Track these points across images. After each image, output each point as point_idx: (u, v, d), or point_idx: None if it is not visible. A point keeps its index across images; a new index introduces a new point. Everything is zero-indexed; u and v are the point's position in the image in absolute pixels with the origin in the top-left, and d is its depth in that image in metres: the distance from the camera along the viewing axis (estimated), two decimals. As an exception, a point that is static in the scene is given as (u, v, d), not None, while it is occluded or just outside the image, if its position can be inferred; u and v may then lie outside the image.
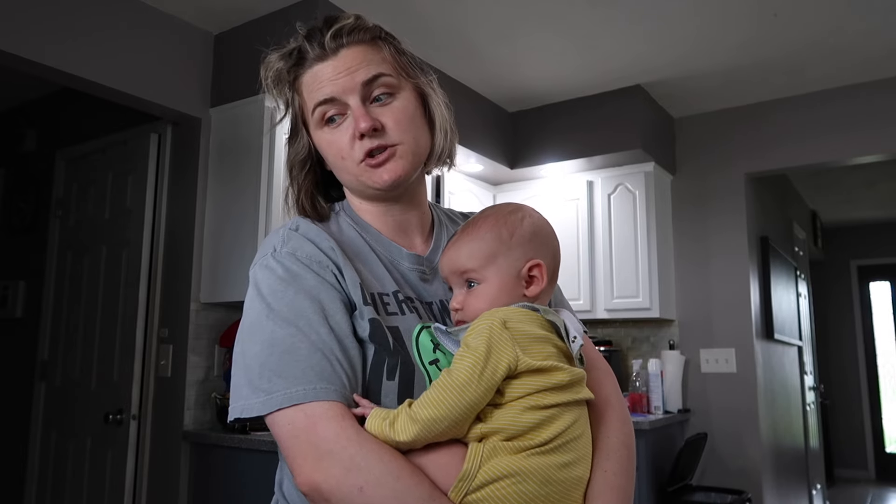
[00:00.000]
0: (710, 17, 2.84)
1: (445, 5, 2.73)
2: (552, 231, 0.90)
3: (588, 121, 3.61)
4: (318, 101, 0.88)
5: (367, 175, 0.89)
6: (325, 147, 0.91)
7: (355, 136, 0.87)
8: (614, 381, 0.94)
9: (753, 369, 3.54)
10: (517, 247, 0.85)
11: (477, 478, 0.72)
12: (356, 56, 0.88)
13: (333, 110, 0.88)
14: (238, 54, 2.85)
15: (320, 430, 0.74)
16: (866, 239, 7.05)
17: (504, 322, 0.77)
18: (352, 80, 0.87)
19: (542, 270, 0.85)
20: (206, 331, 2.80)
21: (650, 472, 3.07)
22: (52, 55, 2.40)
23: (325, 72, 0.88)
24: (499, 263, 0.84)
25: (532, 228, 0.87)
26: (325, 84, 0.88)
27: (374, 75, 0.88)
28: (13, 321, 3.52)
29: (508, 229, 0.86)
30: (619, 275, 3.59)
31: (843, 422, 6.91)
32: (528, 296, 0.84)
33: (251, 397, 0.77)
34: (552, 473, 0.74)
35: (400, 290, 0.89)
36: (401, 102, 0.90)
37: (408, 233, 0.97)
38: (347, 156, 0.89)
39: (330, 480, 0.72)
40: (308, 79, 0.90)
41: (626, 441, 0.87)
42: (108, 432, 2.88)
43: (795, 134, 3.61)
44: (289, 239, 0.87)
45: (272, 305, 0.81)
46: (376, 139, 0.87)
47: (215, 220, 2.81)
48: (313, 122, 0.91)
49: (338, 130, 0.89)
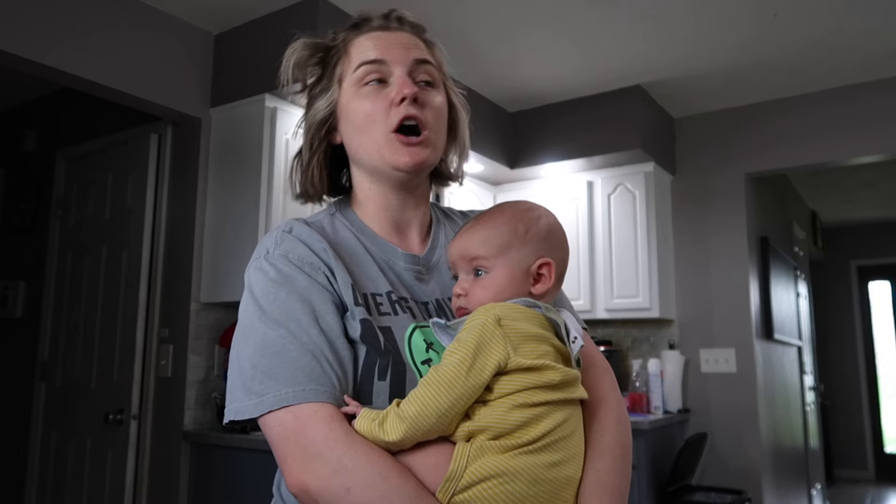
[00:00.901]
0: (710, 17, 2.84)
1: (445, 5, 2.73)
2: (564, 235, 0.91)
3: (588, 121, 3.61)
4: (366, 59, 0.90)
5: (392, 149, 0.89)
6: (355, 106, 0.90)
7: (393, 103, 0.88)
8: (612, 380, 0.92)
9: (753, 369, 3.55)
10: (531, 243, 0.85)
11: (464, 478, 0.71)
12: (413, 39, 0.93)
13: (376, 74, 0.90)
14: (238, 54, 2.85)
15: (309, 431, 0.74)
16: (866, 239, 7.06)
17: (498, 319, 0.76)
18: (405, 53, 0.91)
19: (551, 270, 0.85)
20: (206, 331, 2.81)
21: (650, 472, 3.07)
22: (52, 55, 2.40)
23: (382, 39, 0.91)
24: (510, 255, 0.84)
25: (548, 228, 0.88)
26: (378, 48, 0.90)
27: (425, 59, 0.92)
28: (13, 321, 3.52)
29: (525, 224, 0.86)
30: (619, 275, 3.59)
31: (843, 422, 6.91)
32: (534, 293, 0.84)
33: (244, 400, 0.78)
34: (541, 473, 0.73)
35: (394, 290, 0.89)
36: (438, 98, 0.93)
37: (405, 232, 0.97)
38: (380, 119, 0.88)
39: (318, 482, 0.72)
40: (362, 40, 0.92)
41: (620, 440, 0.85)
42: (108, 432, 2.89)
43: (795, 134, 3.61)
44: (282, 241, 0.87)
45: (264, 307, 0.81)
46: (413, 109, 0.88)
47: (215, 220, 2.81)
48: (352, 79, 0.91)
49: (375, 93, 0.89)
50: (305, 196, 0.98)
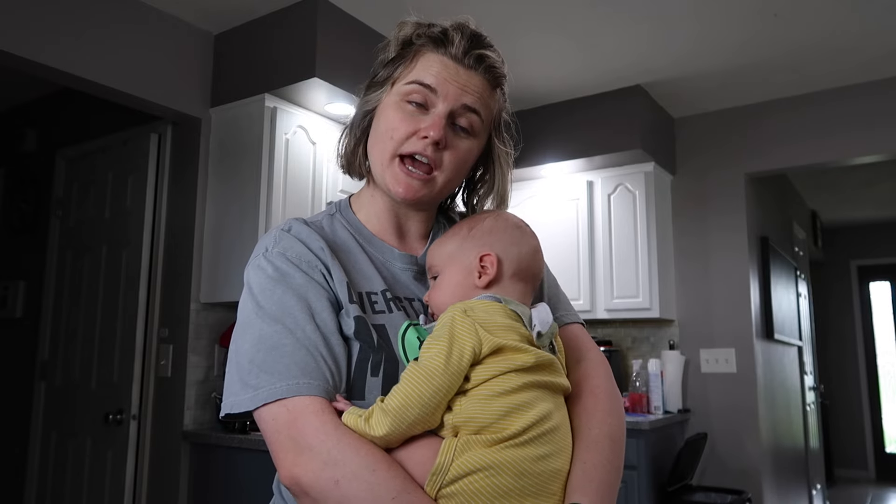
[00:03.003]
0: (710, 17, 2.84)
1: (445, 5, 2.73)
2: (518, 229, 0.91)
3: (588, 121, 3.61)
4: (422, 81, 0.89)
5: (392, 173, 0.90)
6: (387, 114, 0.91)
7: (417, 135, 0.88)
8: (607, 372, 0.92)
9: (753, 369, 3.54)
10: (472, 240, 0.88)
11: (450, 471, 0.73)
12: (476, 84, 0.90)
13: (420, 98, 0.89)
14: (238, 54, 2.85)
15: (300, 425, 0.75)
16: (866, 239, 7.06)
17: (465, 311, 0.79)
18: (458, 94, 0.89)
19: (493, 260, 0.86)
20: (206, 331, 2.81)
21: (650, 472, 3.07)
22: (52, 55, 2.40)
23: (447, 70, 0.89)
24: (455, 257, 0.88)
25: (491, 225, 0.89)
26: (438, 76, 0.89)
27: (474, 108, 0.90)
28: (13, 321, 3.52)
29: (468, 226, 0.90)
30: (619, 275, 3.59)
31: (843, 422, 6.91)
32: (479, 286, 0.85)
33: (240, 393, 0.80)
34: (527, 466, 0.73)
35: (389, 289, 0.90)
36: (469, 144, 0.92)
37: (406, 234, 0.98)
38: (398, 138, 0.89)
39: (308, 474, 0.74)
40: (432, 58, 0.90)
41: (610, 433, 0.84)
42: (108, 432, 2.89)
43: (795, 134, 3.61)
44: (280, 239, 0.89)
45: (261, 304, 0.83)
46: (430, 151, 0.88)
47: (215, 220, 2.81)
48: (399, 89, 0.91)
49: (411, 114, 0.89)
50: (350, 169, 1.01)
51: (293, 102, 2.77)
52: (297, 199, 2.74)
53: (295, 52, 2.63)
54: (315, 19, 2.60)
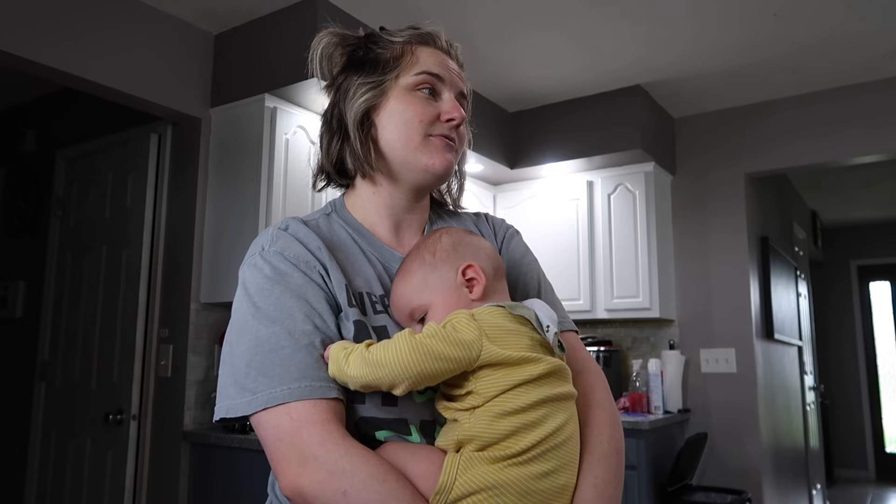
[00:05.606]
0: (710, 17, 2.84)
1: (445, 5, 2.73)
2: (470, 235, 0.91)
3: (588, 121, 3.61)
4: (431, 70, 0.94)
5: (430, 151, 0.91)
6: (405, 104, 0.92)
7: (441, 119, 0.93)
8: (605, 385, 0.92)
9: (753, 369, 3.54)
10: (442, 262, 0.85)
11: (453, 491, 0.71)
12: (460, 72, 0.99)
13: (431, 86, 0.94)
14: (238, 54, 2.85)
15: (305, 434, 0.74)
16: (866, 239, 7.05)
17: (472, 315, 0.77)
18: (458, 82, 0.97)
19: (476, 269, 0.85)
20: (206, 331, 2.81)
21: (650, 472, 3.07)
22: (52, 55, 2.40)
23: (447, 61, 0.97)
24: (434, 285, 0.84)
25: (451, 241, 0.88)
26: (441, 65, 0.95)
27: (466, 96, 1.00)
28: (13, 321, 3.52)
29: (429, 251, 0.87)
30: (619, 275, 3.59)
31: (843, 422, 6.91)
32: (475, 298, 0.83)
33: (237, 397, 0.78)
34: (530, 485, 0.72)
35: (388, 290, 0.89)
36: (463, 129, 0.98)
37: (404, 233, 0.98)
38: (426, 121, 0.92)
39: (314, 485, 0.72)
40: (428, 51, 0.96)
41: (617, 447, 0.84)
42: (108, 432, 2.89)
43: (795, 134, 3.61)
44: (277, 238, 0.87)
45: (258, 304, 0.82)
46: (454, 133, 0.94)
47: (215, 220, 2.81)
48: (407, 83, 0.93)
49: (426, 101, 0.93)
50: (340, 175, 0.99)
51: (293, 102, 2.77)
52: (296, 200, 2.74)
53: (295, 52, 2.63)
54: (315, 19, 2.60)
